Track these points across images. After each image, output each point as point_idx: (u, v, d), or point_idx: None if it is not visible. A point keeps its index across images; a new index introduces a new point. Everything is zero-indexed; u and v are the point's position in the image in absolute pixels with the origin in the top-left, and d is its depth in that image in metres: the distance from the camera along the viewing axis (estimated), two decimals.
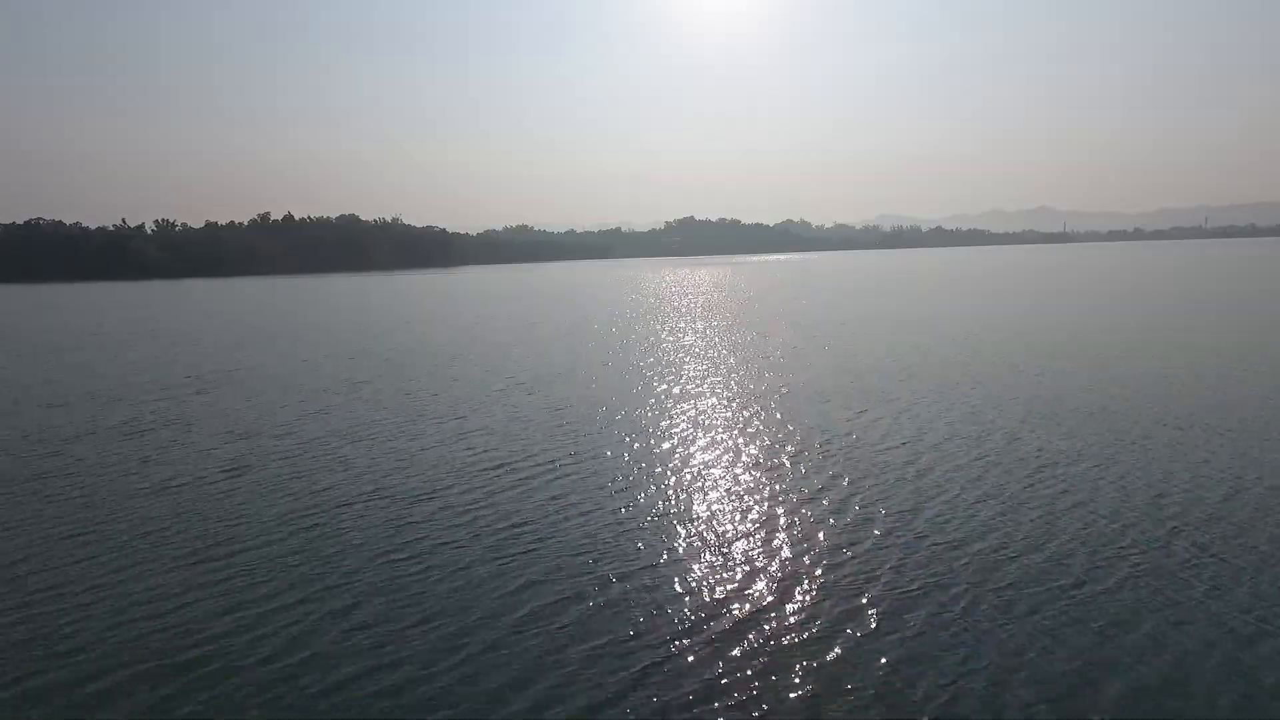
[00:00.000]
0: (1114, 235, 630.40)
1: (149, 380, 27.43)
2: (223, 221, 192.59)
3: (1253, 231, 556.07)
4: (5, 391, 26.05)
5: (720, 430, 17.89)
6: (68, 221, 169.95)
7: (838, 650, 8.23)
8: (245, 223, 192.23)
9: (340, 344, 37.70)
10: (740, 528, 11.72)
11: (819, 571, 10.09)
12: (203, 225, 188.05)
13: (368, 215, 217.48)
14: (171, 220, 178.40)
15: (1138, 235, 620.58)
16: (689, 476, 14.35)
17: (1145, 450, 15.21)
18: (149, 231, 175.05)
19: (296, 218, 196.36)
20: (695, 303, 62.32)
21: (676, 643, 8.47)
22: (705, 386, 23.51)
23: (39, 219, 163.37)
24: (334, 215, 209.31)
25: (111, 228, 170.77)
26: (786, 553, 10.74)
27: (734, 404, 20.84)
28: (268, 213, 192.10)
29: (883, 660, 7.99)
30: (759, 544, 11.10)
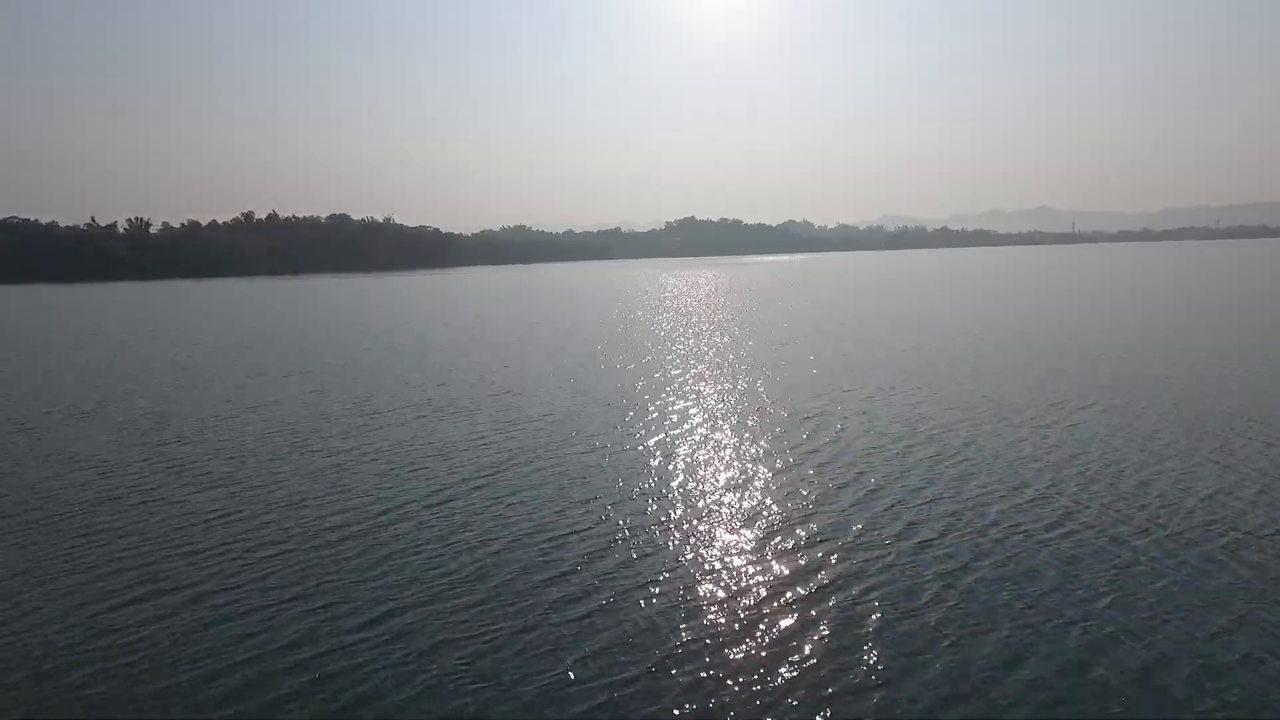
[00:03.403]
0: (1122, 235, 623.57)
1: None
2: (219, 220, 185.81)
3: (1263, 232, 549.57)
4: None
5: (721, 431, 18.38)
6: (63, 222, 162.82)
7: (837, 652, 8.27)
8: (229, 221, 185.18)
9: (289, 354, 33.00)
10: (736, 528, 11.79)
11: (817, 572, 10.16)
12: (181, 224, 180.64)
13: (369, 216, 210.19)
14: (146, 218, 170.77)
15: (1146, 235, 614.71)
16: (688, 477, 14.51)
17: (1146, 451, 15.32)
18: (121, 230, 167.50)
19: (281, 216, 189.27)
20: (713, 314, 57.22)
21: (673, 646, 8.48)
22: (713, 390, 23.10)
23: (13, 218, 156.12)
24: (324, 215, 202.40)
25: (83, 226, 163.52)
26: (784, 551, 10.87)
27: (739, 405, 21.22)
28: (251, 211, 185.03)
29: (883, 663, 8.02)
30: (758, 545, 11.13)
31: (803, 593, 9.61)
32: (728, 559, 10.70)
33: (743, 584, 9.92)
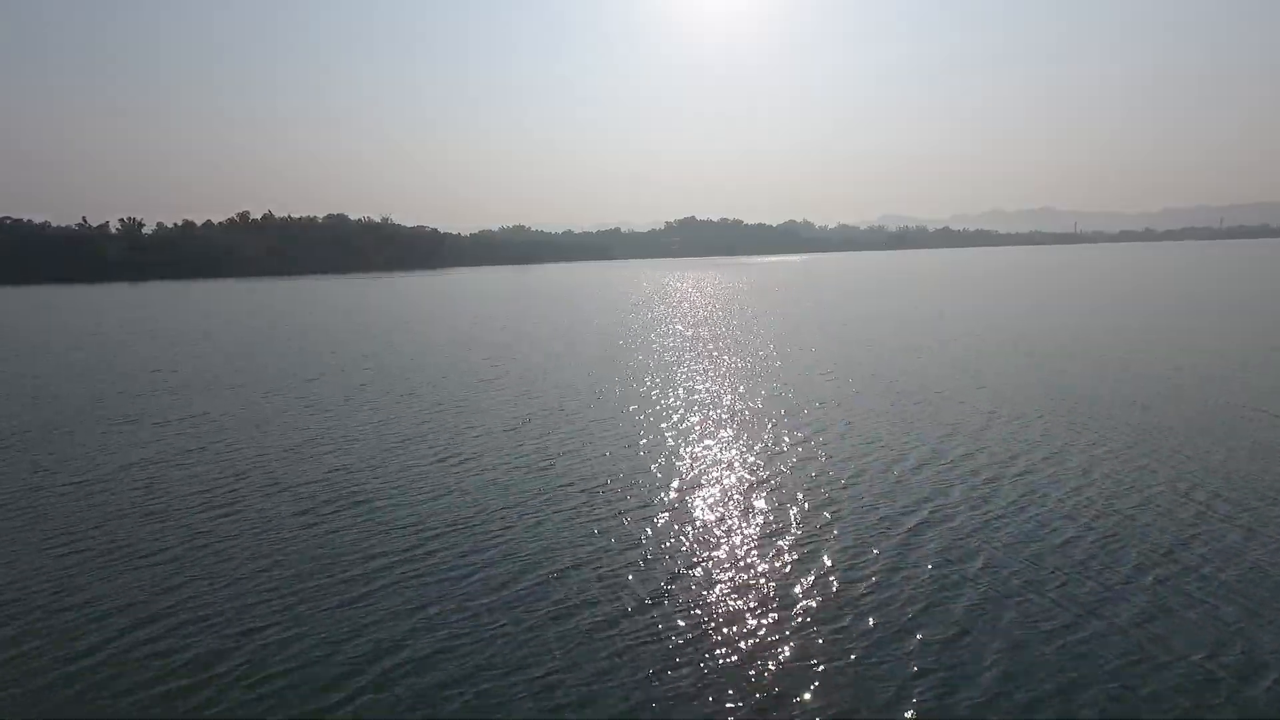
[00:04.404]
0: (1123, 235, 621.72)
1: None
2: (214, 220, 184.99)
3: (1264, 232, 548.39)
4: None
5: (722, 432, 18.32)
6: (56, 222, 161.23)
7: (836, 655, 8.22)
8: (225, 221, 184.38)
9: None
10: (736, 532, 11.58)
11: (817, 575, 10.06)
12: (175, 224, 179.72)
13: (366, 216, 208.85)
14: (139, 218, 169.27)
15: (1148, 236, 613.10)
16: (691, 482, 14.20)
17: (1147, 453, 15.27)
18: (113, 231, 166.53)
19: (278, 216, 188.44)
20: (716, 314, 56.49)
21: (672, 650, 8.44)
22: (717, 392, 21.53)
23: (6, 218, 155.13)
24: (321, 215, 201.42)
25: (75, 226, 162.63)
26: (783, 555, 10.71)
27: (741, 408, 20.95)
28: (247, 211, 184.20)
29: (883, 666, 7.97)
30: (758, 549, 10.93)
31: (802, 595, 9.55)
32: (726, 561, 10.64)
33: (743, 587, 9.85)
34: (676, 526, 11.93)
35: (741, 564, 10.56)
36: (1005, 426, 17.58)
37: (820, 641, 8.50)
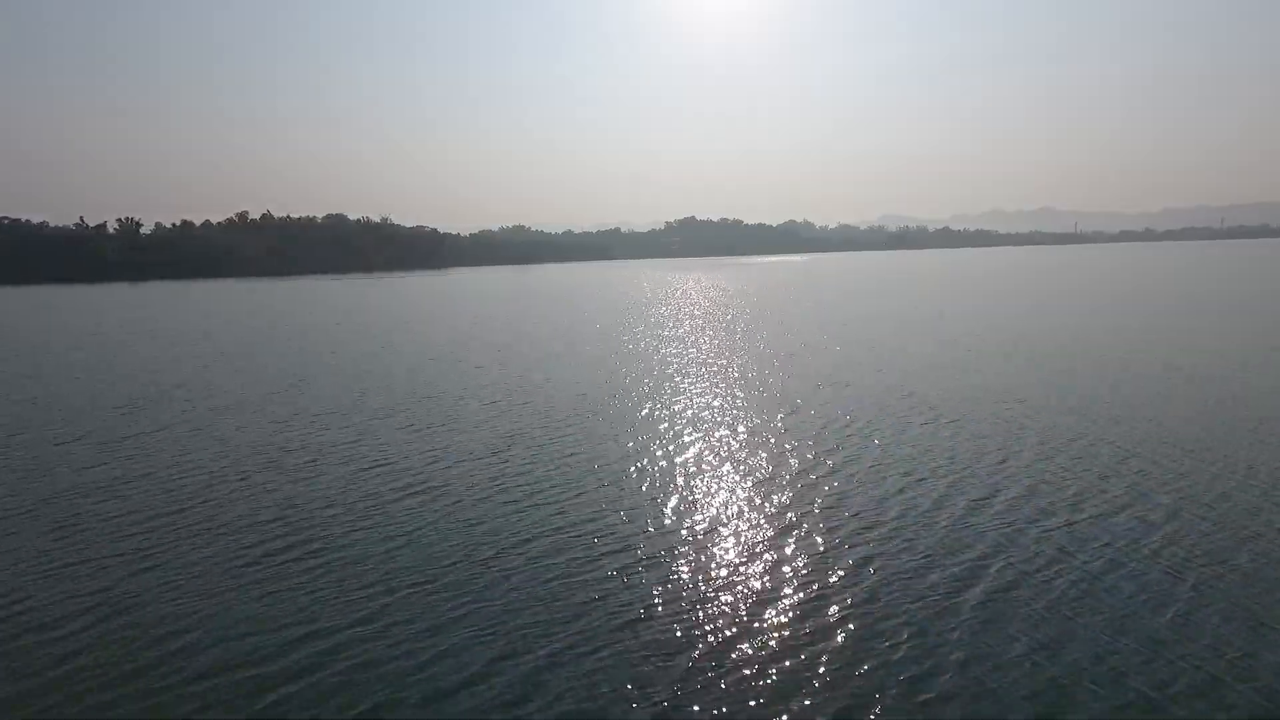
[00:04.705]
0: (1124, 235, 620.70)
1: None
2: (214, 220, 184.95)
3: (1264, 232, 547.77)
4: None
5: (723, 436, 18.07)
6: (54, 222, 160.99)
7: (836, 656, 8.17)
8: (223, 221, 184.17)
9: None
10: (769, 606, 9.67)
11: (873, 668, 8.37)
12: (173, 224, 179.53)
13: (365, 216, 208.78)
14: (136, 218, 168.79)
15: (1149, 236, 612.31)
16: (706, 530, 12.48)
17: (1148, 453, 15.15)
18: (111, 230, 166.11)
19: (277, 216, 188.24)
20: (719, 315, 55.84)
21: (673, 652, 8.31)
22: (720, 393, 20.40)
23: (4, 218, 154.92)
24: (321, 215, 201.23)
25: (72, 226, 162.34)
26: (829, 640, 8.94)
27: (742, 410, 20.59)
28: (245, 211, 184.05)
29: (877, 668, 7.91)
30: (797, 629, 9.15)
31: (801, 598, 9.38)
32: (758, 650, 8.80)
33: (782, 691, 8.07)
34: (691, 596, 9.68)
35: (779, 652, 8.40)
36: (1062, 454, 15.21)
37: (814, 642, 7.95)
